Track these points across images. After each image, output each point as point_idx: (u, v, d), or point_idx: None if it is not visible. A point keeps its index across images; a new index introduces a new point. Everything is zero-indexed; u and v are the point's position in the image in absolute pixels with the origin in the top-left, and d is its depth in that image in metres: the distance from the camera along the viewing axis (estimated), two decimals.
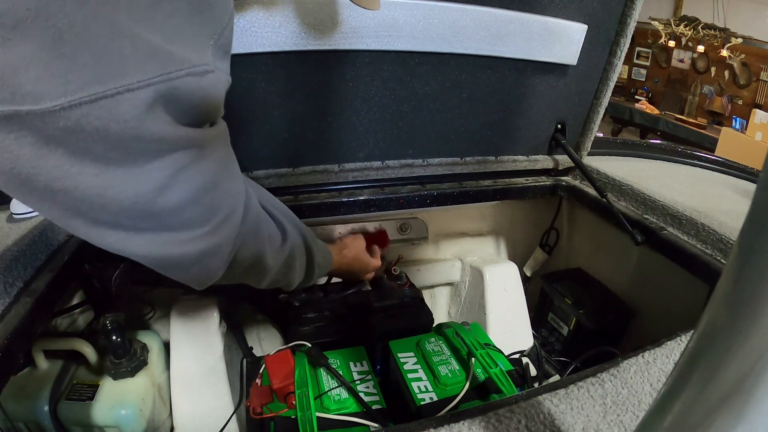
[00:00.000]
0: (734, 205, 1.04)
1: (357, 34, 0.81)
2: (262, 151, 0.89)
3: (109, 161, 0.36)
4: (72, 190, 0.36)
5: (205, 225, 0.45)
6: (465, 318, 1.25)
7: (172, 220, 0.42)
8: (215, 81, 0.41)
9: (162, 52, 0.36)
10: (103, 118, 0.34)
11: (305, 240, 0.68)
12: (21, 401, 0.77)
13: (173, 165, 0.40)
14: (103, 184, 0.37)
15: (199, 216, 0.44)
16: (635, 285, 1.13)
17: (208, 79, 0.40)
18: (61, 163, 0.35)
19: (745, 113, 5.31)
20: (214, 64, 0.42)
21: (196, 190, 0.43)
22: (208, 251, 0.46)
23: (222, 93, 0.44)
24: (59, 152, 0.34)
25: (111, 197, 0.38)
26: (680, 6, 6.54)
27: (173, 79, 0.37)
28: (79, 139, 0.34)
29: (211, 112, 0.44)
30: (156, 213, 0.40)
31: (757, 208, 0.22)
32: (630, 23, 0.97)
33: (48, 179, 0.35)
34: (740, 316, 0.23)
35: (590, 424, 0.49)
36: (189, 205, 0.42)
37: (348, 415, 0.70)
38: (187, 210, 0.43)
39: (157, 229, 0.42)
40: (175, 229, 0.43)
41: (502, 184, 1.12)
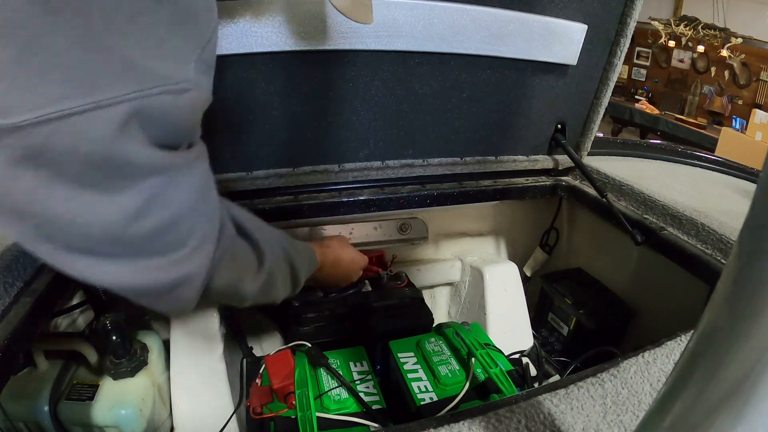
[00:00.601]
0: (734, 205, 1.04)
1: (357, 34, 0.81)
2: (262, 151, 0.89)
3: (81, 185, 0.34)
4: (41, 214, 0.35)
5: (179, 251, 0.43)
6: (465, 318, 1.25)
7: (144, 247, 0.40)
8: (193, 100, 0.40)
9: (138, 67, 0.34)
10: (74, 137, 0.32)
11: (287, 256, 0.65)
12: (21, 401, 0.77)
13: (148, 191, 0.38)
14: (74, 210, 0.35)
15: (173, 243, 0.42)
16: (635, 285, 1.13)
17: (186, 98, 0.38)
18: (30, 186, 0.33)
19: (745, 113, 5.31)
20: (196, 80, 0.40)
21: (171, 216, 0.41)
22: (181, 279, 0.44)
23: (199, 112, 0.42)
24: (28, 174, 0.33)
25: (82, 224, 0.36)
26: (680, 6, 6.54)
27: (148, 97, 0.35)
28: (49, 159, 0.32)
29: (188, 133, 0.42)
30: (128, 240, 0.39)
31: (757, 208, 0.22)
32: (630, 23, 0.97)
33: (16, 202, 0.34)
34: (740, 316, 0.23)
35: (590, 424, 0.49)
36: (163, 232, 0.41)
37: (348, 415, 0.70)
38: (160, 237, 0.41)
39: (128, 256, 0.40)
40: (147, 256, 0.41)
41: (502, 184, 1.12)
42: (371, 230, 1.15)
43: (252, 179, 0.90)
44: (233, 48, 0.75)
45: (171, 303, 0.45)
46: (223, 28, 0.74)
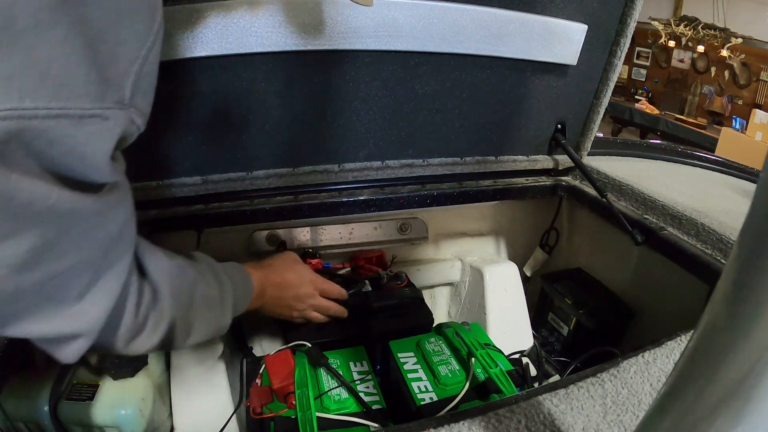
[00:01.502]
0: (734, 205, 1.04)
1: (357, 34, 0.81)
2: (262, 151, 0.89)
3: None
4: None
5: (71, 307, 0.37)
6: (465, 318, 1.25)
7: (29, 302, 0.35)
8: (102, 131, 0.32)
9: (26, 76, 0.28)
10: None
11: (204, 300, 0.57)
12: (21, 401, 0.77)
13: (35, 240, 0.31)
14: None
15: (65, 298, 0.37)
16: (635, 285, 1.13)
17: (90, 128, 0.31)
18: None
19: (745, 113, 5.31)
20: (130, 100, 0.34)
21: (64, 271, 0.35)
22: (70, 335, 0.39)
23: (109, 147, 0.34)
24: None
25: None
26: (680, 6, 6.54)
27: (29, 118, 0.28)
28: None
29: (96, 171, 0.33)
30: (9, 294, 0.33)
31: (757, 208, 0.22)
32: (630, 23, 0.97)
33: None
34: (740, 316, 0.23)
35: (590, 424, 0.49)
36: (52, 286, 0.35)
37: (348, 415, 0.70)
38: (48, 291, 0.35)
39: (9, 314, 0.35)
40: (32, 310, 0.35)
41: (502, 184, 1.12)
42: (371, 230, 1.15)
43: (252, 179, 0.90)
44: (233, 48, 0.75)
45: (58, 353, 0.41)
46: (223, 28, 0.74)
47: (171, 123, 0.80)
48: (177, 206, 0.89)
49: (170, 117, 0.80)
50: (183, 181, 0.86)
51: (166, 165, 0.84)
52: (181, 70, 0.76)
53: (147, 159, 0.82)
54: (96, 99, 0.31)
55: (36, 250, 0.32)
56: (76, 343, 0.40)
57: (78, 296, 0.37)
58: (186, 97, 0.79)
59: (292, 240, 1.10)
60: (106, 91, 0.32)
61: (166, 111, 0.79)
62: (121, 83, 0.33)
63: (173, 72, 0.75)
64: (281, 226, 1.09)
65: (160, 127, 0.80)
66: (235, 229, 1.04)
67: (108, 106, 0.32)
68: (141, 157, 0.82)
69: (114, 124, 0.33)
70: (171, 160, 0.84)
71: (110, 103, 0.32)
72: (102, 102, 0.32)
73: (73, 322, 0.38)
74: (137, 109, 0.36)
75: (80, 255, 0.36)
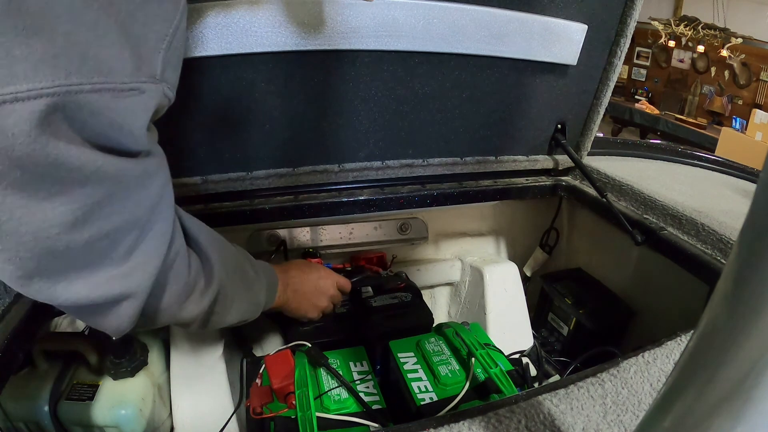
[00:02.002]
0: (734, 205, 1.04)
1: (357, 34, 0.81)
2: (262, 151, 0.89)
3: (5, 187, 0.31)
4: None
5: (119, 266, 0.39)
6: (465, 318, 1.25)
7: (80, 259, 0.37)
8: (139, 103, 0.35)
9: (69, 56, 0.30)
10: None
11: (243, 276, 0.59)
12: (21, 401, 0.77)
13: (85, 199, 0.34)
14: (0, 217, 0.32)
15: (113, 257, 0.39)
16: (635, 285, 1.13)
17: (128, 101, 0.34)
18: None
19: (745, 113, 5.31)
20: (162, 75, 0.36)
21: (113, 230, 0.37)
22: (119, 296, 0.40)
23: (155, 115, 0.38)
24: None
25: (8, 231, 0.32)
26: (680, 6, 6.54)
27: (75, 93, 0.31)
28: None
29: (136, 139, 0.37)
30: (61, 251, 0.35)
31: (757, 208, 0.22)
32: (630, 23, 0.97)
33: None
34: (740, 316, 0.23)
35: (590, 424, 0.49)
36: (101, 245, 0.37)
37: (348, 415, 0.70)
38: (98, 250, 0.37)
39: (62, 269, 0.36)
40: (83, 268, 0.37)
41: (502, 184, 1.12)
42: (371, 230, 1.15)
43: (252, 179, 0.90)
44: (233, 48, 0.75)
45: (108, 321, 0.42)
46: (223, 28, 0.74)
47: (171, 123, 0.80)
48: (177, 206, 0.89)
49: (170, 117, 0.79)
50: (183, 181, 0.86)
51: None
52: (181, 71, 0.76)
53: None
54: (132, 74, 0.34)
55: (85, 210, 0.34)
56: (125, 306, 0.41)
57: (125, 255, 0.39)
58: (186, 97, 0.79)
59: (292, 240, 1.10)
60: (141, 66, 0.35)
61: (165, 111, 0.79)
62: (152, 59, 0.36)
63: None
64: (281, 226, 1.09)
65: (160, 127, 0.80)
66: (235, 229, 1.04)
67: (144, 80, 0.35)
68: None
69: (149, 97, 0.36)
70: (171, 160, 0.83)
71: (145, 78, 0.35)
72: (138, 77, 0.35)
73: (122, 281, 0.40)
74: (168, 83, 0.39)
75: (126, 215, 0.38)
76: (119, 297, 0.40)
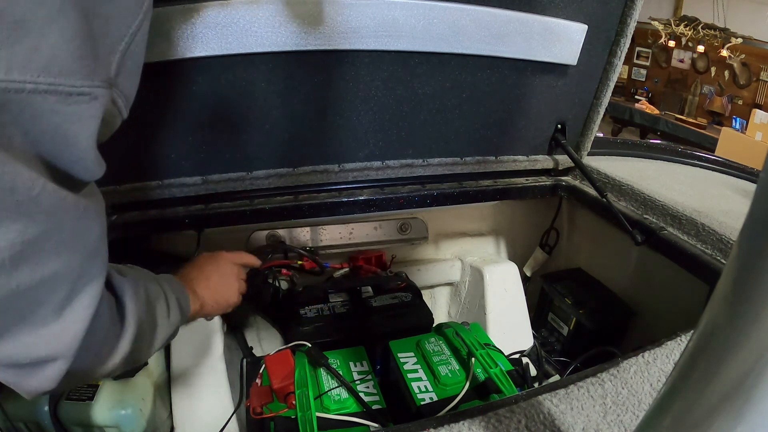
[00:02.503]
0: (734, 205, 1.04)
1: (357, 34, 0.81)
2: (262, 151, 0.89)
3: None
4: None
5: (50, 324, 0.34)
6: (465, 318, 1.25)
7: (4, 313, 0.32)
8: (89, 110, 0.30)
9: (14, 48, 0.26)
10: None
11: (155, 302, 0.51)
12: (21, 401, 0.77)
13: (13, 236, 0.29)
14: None
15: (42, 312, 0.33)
16: (635, 285, 1.13)
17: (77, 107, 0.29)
18: None
19: (745, 113, 5.30)
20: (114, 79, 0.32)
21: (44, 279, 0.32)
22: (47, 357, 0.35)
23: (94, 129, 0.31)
24: None
25: None
26: (680, 6, 6.53)
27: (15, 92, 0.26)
28: None
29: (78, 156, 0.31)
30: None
31: (757, 208, 0.22)
32: (630, 23, 0.97)
33: None
34: (740, 316, 0.23)
35: (590, 424, 0.49)
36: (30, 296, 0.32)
37: (348, 415, 0.70)
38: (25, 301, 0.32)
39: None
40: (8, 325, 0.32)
41: (502, 184, 1.12)
42: (371, 230, 1.15)
43: (252, 179, 0.90)
44: (233, 48, 0.75)
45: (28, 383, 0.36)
46: (223, 28, 0.74)
47: (171, 123, 0.80)
48: (177, 206, 0.89)
49: (170, 117, 0.80)
50: (183, 181, 0.86)
51: (166, 165, 0.84)
52: (181, 70, 0.76)
53: (147, 159, 0.82)
54: (86, 76, 0.30)
55: (14, 249, 0.29)
56: (52, 368, 0.36)
57: (55, 312, 0.34)
58: (186, 97, 0.79)
59: (292, 240, 1.10)
60: (96, 67, 0.31)
61: (165, 111, 0.79)
62: (108, 60, 0.32)
63: (173, 72, 0.75)
64: (281, 226, 1.09)
65: (160, 127, 0.80)
66: (235, 229, 1.04)
67: (96, 84, 0.31)
68: (141, 157, 0.82)
69: (100, 104, 0.32)
70: (171, 160, 0.84)
71: (98, 81, 0.31)
72: (92, 79, 0.31)
73: (51, 341, 0.34)
74: (120, 91, 0.34)
75: (59, 264, 0.33)
76: (46, 359, 0.35)
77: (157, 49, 0.71)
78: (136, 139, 0.79)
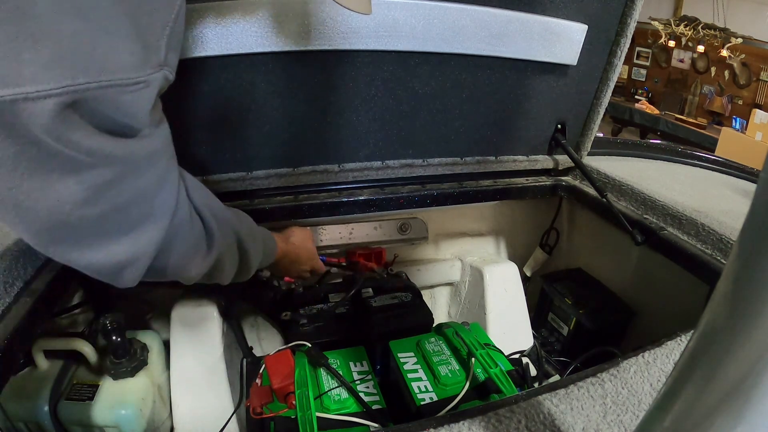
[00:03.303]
0: (734, 205, 1.04)
1: (357, 34, 0.81)
2: (262, 151, 0.89)
3: (22, 172, 0.34)
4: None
5: (128, 235, 0.43)
6: (465, 318, 1.25)
7: (92, 232, 0.40)
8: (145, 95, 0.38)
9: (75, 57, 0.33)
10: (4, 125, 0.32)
11: (240, 243, 0.63)
12: (21, 401, 0.77)
13: (93, 180, 0.37)
14: (17, 196, 0.35)
15: (121, 228, 0.42)
16: (635, 285, 1.13)
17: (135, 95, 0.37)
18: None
19: (745, 113, 5.30)
20: (165, 60, 0.39)
21: (122, 204, 0.40)
22: (126, 262, 0.44)
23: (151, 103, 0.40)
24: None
25: (27, 209, 0.36)
26: (680, 6, 6.53)
27: (83, 91, 0.33)
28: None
29: (143, 119, 0.40)
30: (74, 224, 0.38)
31: (757, 208, 0.22)
32: (630, 23, 0.97)
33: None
34: (740, 316, 0.23)
35: (590, 424, 0.49)
36: (110, 219, 0.40)
37: (348, 415, 0.70)
38: (109, 222, 0.41)
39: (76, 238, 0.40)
40: (95, 238, 0.41)
41: (502, 184, 1.12)
42: (371, 230, 1.15)
43: (252, 179, 0.90)
44: (233, 48, 0.75)
45: (116, 279, 0.46)
46: (223, 28, 0.74)
47: (170, 123, 0.80)
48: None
49: (170, 117, 0.80)
50: None
51: None
52: (180, 70, 0.76)
53: None
54: (139, 68, 0.36)
55: (96, 189, 0.37)
56: (132, 268, 0.45)
57: (134, 225, 0.43)
58: (186, 97, 0.79)
59: None
60: (147, 58, 0.37)
61: (165, 111, 0.79)
62: (158, 46, 0.38)
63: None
64: (281, 226, 1.09)
65: None
66: None
67: (149, 73, 0.37)
68: None
69: (154, 87, 0.39)
70: None
71: (150, 69, 0.38)
72: (144, 70, 0.37)
73: (130, 248, 0.43)
74: (170, 66, 0.41)
75: (135, 190, 0.41)
76: (127, 262, 0.44)
77: None
78: None
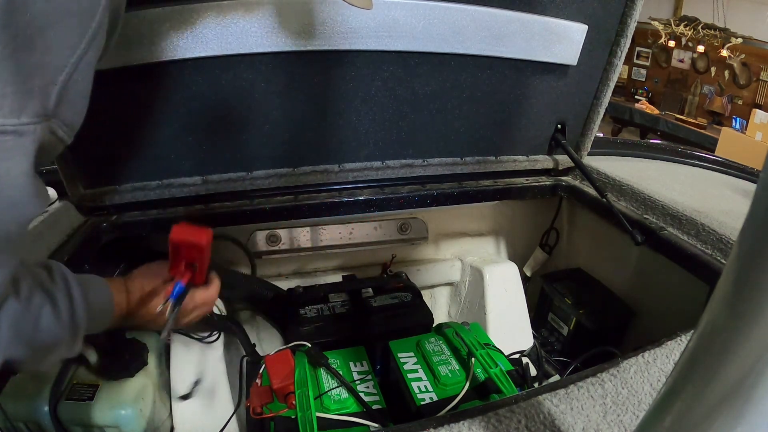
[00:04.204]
0: (734, 205, 1.04)
1: (357, 35, 0.81)
2: (262, 151, 0.89)
3: None
4: None
5: None
6: (465, 318, 1.25)
7: None
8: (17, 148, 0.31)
9: None
10: None
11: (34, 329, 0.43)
12: (21, 401, 0.77)
13: None
14: None
15: None
16: (635, 285, 1.13)
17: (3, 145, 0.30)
18: None
19: (745, 113, 5.30)
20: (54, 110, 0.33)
21: None
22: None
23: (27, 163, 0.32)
24: None
25: None
26: (680, 6, 6.53)
27: None
28: None
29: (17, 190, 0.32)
30: None
31: (757, 208, 0.22)
32: (630, 23, 0.97)
33: None
34: (740, 316, 0.23)
35: (590, 424, 0.49)
36: None
37: (348, 415, 0.70)
38: None
39: None
40: None
41: (502, 184, 1.12)
42: (371, 230, 1.15)
43: (252, 179, 0.90)
44: (233, 48, 0.75)
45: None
46: (223, 28, 0.74)
47: (171, 123, 0.80)
48: (177, 206, 0.89)
49: (170, 117, 0.80)
50: (183, 182, 0.86)
51: (166, 165, 0.84)
52: (181, 71, 0.76)
53: (147, 159, 0.82)
54: (12, 114, 0.30)
55: None
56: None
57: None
58: (186, 97, 0.79)
59: (292, 240, 1.10)
60: (26, 104, 0.31)
61: (165, 111, 0.79)
62: (46, 92, 0.32)
63: (173, 72, 0.75)
64: (281, 226, 1.09)
65: (161, 127, 0.80)
66: (235, 229, 1.04)
67: (24, 122, 0.31)
68: (141, 157, 0.82)
69: (30, 140, 0.31)
70: (171, 160, 0.84)
71: (28, 118, 0.31)
72: (19, 117, 0.30)
73: None
74: (61, 120, 0.34)
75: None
76: None
77: (157, 49, 0.71)
78: (136, 140, 0.79)
